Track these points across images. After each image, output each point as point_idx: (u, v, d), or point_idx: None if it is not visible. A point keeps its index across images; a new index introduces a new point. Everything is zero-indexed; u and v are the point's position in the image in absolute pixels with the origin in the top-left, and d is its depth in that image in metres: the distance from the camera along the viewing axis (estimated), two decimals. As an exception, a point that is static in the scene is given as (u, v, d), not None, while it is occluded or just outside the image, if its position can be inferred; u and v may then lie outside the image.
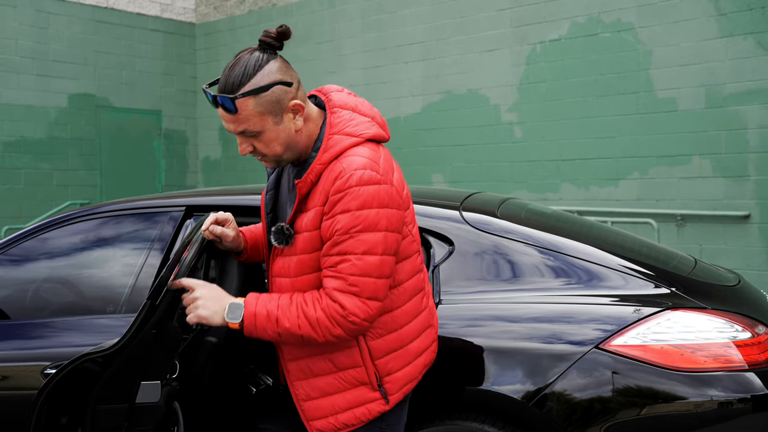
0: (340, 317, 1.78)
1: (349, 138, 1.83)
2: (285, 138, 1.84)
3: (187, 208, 2.84)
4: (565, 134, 7.66)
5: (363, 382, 1.90)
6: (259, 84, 1.78)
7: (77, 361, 2.06)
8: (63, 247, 2.95)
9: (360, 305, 1.78)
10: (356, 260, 1.76)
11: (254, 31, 10.68)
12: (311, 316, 1.79)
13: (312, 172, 1.82)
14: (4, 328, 2.77)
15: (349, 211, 1.75)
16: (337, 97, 1.92)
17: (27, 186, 9.67)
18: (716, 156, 6.75)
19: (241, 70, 1.78)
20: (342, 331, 1.79)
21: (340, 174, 1.77)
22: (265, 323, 1.81)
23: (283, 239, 1.86)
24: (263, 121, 1.80)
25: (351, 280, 1.77)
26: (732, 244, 6.70)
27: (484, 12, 8.24)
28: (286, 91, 1.81)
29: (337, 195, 1.76)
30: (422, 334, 1.99)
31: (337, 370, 1.90)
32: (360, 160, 1.79)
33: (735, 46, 6.62)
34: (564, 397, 2.22)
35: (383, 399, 1.90)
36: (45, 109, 9.84)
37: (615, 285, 2.38)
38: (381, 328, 1.90)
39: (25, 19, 9.63)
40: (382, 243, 1.78)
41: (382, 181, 1.79)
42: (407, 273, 1.93)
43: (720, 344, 2.21)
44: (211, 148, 11.34)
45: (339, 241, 1.77)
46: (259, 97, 1.78)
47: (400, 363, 1.92)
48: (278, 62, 1.83)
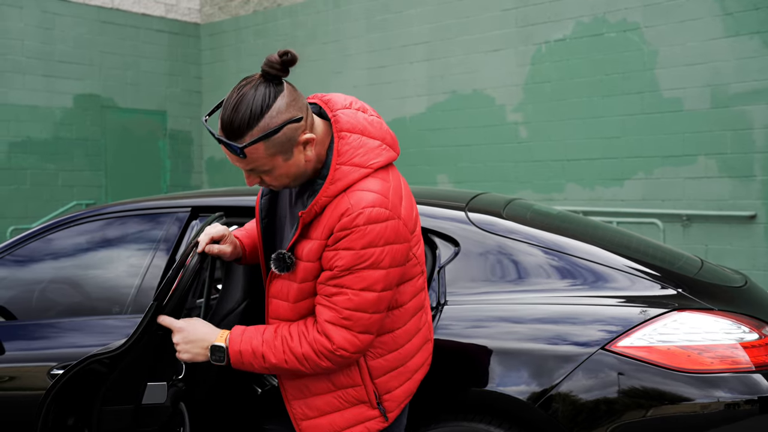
0: (327, 351, 1.73)
1: (358, 170, 1.73)
2: (296, 170, 1.75)
3: (192, 208, 2.84)
4: (571, 134, 7.65)
5: (362, 401, 1.86)
6: (269, 127, 1.65)
7: (84, 362, 2.06)
8: (69, 247, 2.96)
9: (350, 339, 1.73)
10: (353, 295, 1.71)
11: (259, 32, 10.69)
12: (297, 351, 1.75)
13: (317, 204, 1.73)
14: (11, 329, 2.77)
15: (354, 249, 1.68)
16: (345, 118, 1.78)
17: (33, 186, 9.69)
18: (722, 156, 6.74)
19: (247, 112, 1.65)
20: (330, 363, 1.76)
21: (347, 211, 1.69)
22: (251, 359, 1.78)
23: (284, 267, 1.79)
24: (274, 160, 1.70)
25: (345, 314, 1.72)
26: (738, 245, 6.68)
27: (489, 12, 8.24)
28: (296, 128, 1.69)
29: (342, 232, 1.69)
30: (421, 349, 1.97)
31: (336, 389, 1.85)
32: (369, 196, 1.70)
33: (741, 45, 6.60)
34: (570, 398, 2.21)
35: (382, 416, 1.87)
36: (50, 110, 9.86)
37: (621, 286, 2.37)
38: (382, 348, 1.85)
39: (30, 19, 9.65)
40: (383, 280, 1.72)
41: (390, 217, 1.71)
42: (409, 294, 1.88)
43: (727, 345, 2.20)
44: (215, 149, 11.36)
45: (339, 275, 1.71)
46: (270, 140, 1.67)
47: (399, 380, 1.90)
48: (285, 96, 1.68)
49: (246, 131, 1.66)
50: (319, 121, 1.79)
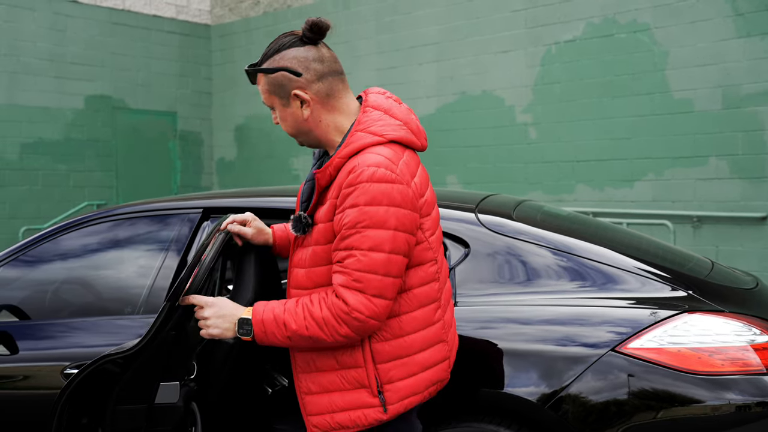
0: (344, 314, 1.76)
1: (372, 136, 1.84)
2: (292, 122, 1.91)
3: (204, 210, 2.86)
4: (580, 135, 7.64)
5: (363, 385, 1.86)
6: (269, 66, 1.88)
7: (98, 362, 2.08)
8: (81, 248, 2.98)
9: (364, 302, 1.76)
10: (361, 256, 1.75)
11: (269, 33, 10.72)
12: (317, 316, 1.79)
13: (331, 165, 1.84)
14: (24, 329, 2.80)
15: (357, 206, 1.75)
16: (374, 98, 1.93)
17: (44, 187, 9.76)
18: (733, 157, 6.71)
19: (268, 48, 1.91)
20: (349, 329, 1.78)
21: (354, 169, 1.78)
22: (273, 328, 1.82)
23: (300, 228, 1.89)
24: (272, 98, 1.91)
25: (355, 275, 1.76)
26: (749, 246, 6.65)
27: (498, 13, 8.23)
28: (290, 78, 1.86)
29: (348, 189, 1.77)
30: (432, 347, 1.93)
31: (339, 368, 1.87)
32: (375, 158, 1.79)
33: (752, 46, 6.58)
34: (580, 399, 2.21)
35: (381, 407, 1.85)
36: (62, 111, 9.92)
37: (631, 288, 2.37)
38: (387, 332, 1.86)
39: (42, 21, 9.72)
40: (389, 241, 1.76)
41: (396, 181, 1.77)
42: (419, 279, 1.89)
43: (738, 348, 2.20)
44: (226, 150, 11.40)
45: (346, 235, 1.77)
46: (267, 77, 1.89)
47: (403, 372, 1.87)
48: (301, 51, 1.87)
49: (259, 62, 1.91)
50: (353, 103, 1.94)
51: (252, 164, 11.02)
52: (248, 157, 11.09)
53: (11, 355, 2.69)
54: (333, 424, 1.88)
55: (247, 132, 11.10)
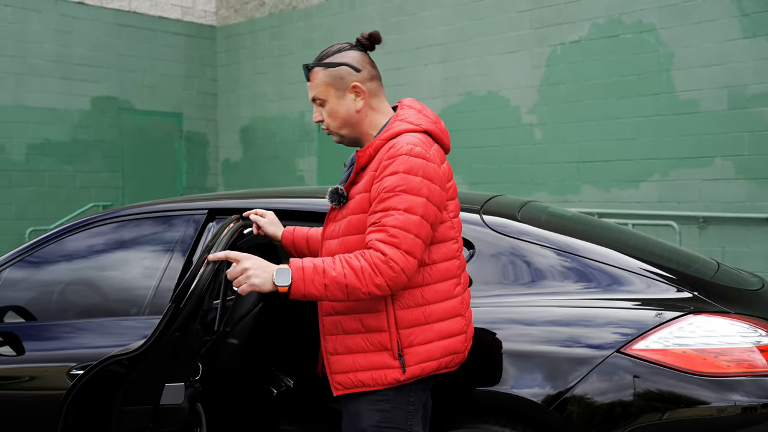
0: (382, 264, 1.93)
1: (409, 125, 2.08)
2: (344, 113, 2.12)
3: (209, 211, 2.87)
4: (586, 136, 7.63)
5: (386, 348, 2.03)
6: (332, 61, 2.12)
7: (103, 363, 2.09)
8: (87, 249, 2.99)
9: (399, 255, 1.94)
10: (398, 215, 1.95)
11: (274, 34, 10.74)
12: (355, 265, 1.94)
13: (371, 146, 2.07)
14: (31, 330, 2.81)
15: (397, 173, 1.97)
16: (409, 101, 2.21)
17: (51, 188, 9.79)
18: (739, 158, 6.69)
19: (327, 50, 2.16)
20: (383, 279, 1.93)
21: (394, 145, 2.02)
22: (312, 275, 1.95)
23: (336, 199, 2.11)
24: (327, 91, 2.11)
25: (392, 231, 1.94)
26: (755, 247, 6.63)
27: (504, 14, 8.23)
28: (351, 72, 2.11)
29: (388, 160, 1.99)
30: (450, 319, 2.08)
31: (365, 331, 2.04)
32: (413, 138, 2.03)
33: (758, 46, 6.56)
34: (585, 400, 2.21)
35: (401, 368, 2.02)
36: (68, 112, 9.96)
37: (636, 289, 2.37)
38: (410, 300, 2.04)
39: (49, 23, 9.76)
40: (422, 206, 1.97)
41: (429, 159, 2.01)
42: (441, 255, 2.08)
43: (743, 349, 2.20)
44: (231, 150, 11.42)
45: (384, 198, 1.97)
46: (328, 71, 2.11)
47: (421, 338, 2.04)
48: (358, 53, 2.15)
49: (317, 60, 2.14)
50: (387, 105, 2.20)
51: (257, 165, 11.04)
52: (253, 158, 11.10)
53: (18, 356, 2.70)
54: (356, 381, 2.05)
55: (252, 133, 11.12)
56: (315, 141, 10.19)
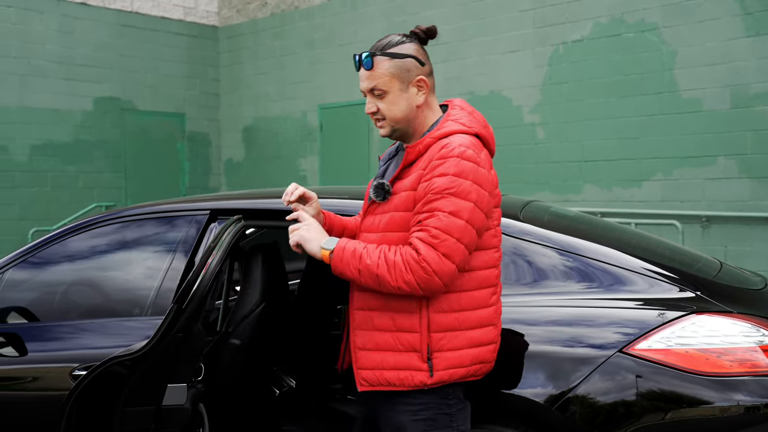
0: (413, 261, 1.91)
1: (461, 126, 2.05)
2: (405, 107, 2.08)
3: (211, 211, 2.87)
4: (588, 135, 7.62)
5: (415, 349, 2.00)
6: (398, 52, 2.07)
7: (106, 363, 2.09)
8: (90, 250, 2.99)
9: (434, 256, 1.91)
10: (443, 217, 1.92)
11: (277, 34, 10.74)
12: (390, 258, 1.94)
13: (422, 143, 2.04)
14: (33, 330, 2.81)
15: (447, 175, 1.94)
16: (460, 102, 2.18)
17: (54, 188, 9.80)
18: (742, 157, 6.68)
19: (387, 40, 2.09)
20: (413, 277, 1.92)
21: (446, 145, 1.98)
22: (350, 257, 1.97)
23: (381, 194, 2.06)
24: (391, 82, 2.06)
25: (433, 232, 1.92)
26: (758, 246, 6.61)
27: (506, 13, 8.22)
28: (417, 65, 2.08)
29: (439, 161, 1.96)
30: (483, 328, 2.05)
31: (396, 329, 2.01)
32: (465, 141, 2.00)
33: (761, 45, 6.54)
34: (587, 400, 2.21)
35: (428, 371, 1.99)
36: (71, 113, 9.97)
37: (639, 289, 2.36)
38: (446, 305, 2.00)
39: (51, 24, 9.77)
40: (468, 211, 1.94)
41: (480, 164, 1.99)
42: (482, 263, 2.05)
43: (746, 348, 2.19)
44: (234, 150, 11.42)
45: (432, 199, 1.94)
46: (394, 61, 2.06)
47: (452, 344, 2.00)
48: (419, 47, 2.10)
49: (380, 50, 2.08)
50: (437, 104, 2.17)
51: (260, 165, 11.04)
52: (256, 158, 11.11)
53: (20, 357, 2.70)
54: (381, 379, 2.02)
55: (254, 133, 11.12)
56: (317, 141, 10.19)
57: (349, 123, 9.81)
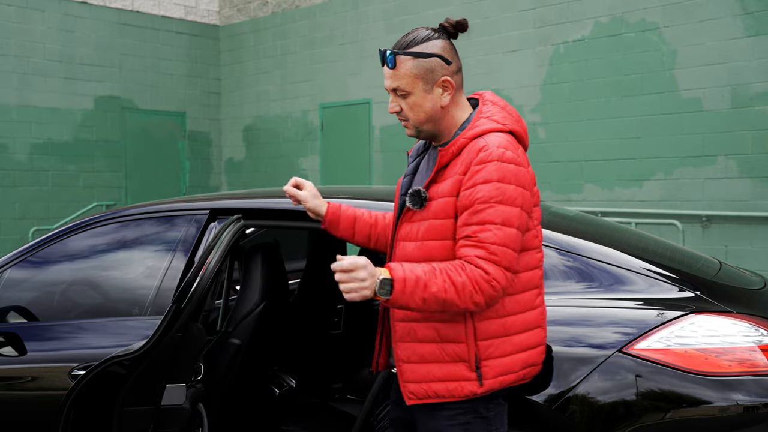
0: (484, 282, 1.83)
1: (495, 123, 1.96)
2: (429, 108, 1.98)
3: (211, 211, 2.86)
4: (589, 135, 7.62)
5: (462, 359, 1.94)
6: (422, 51, 1.96)
7: (104, 364, 2.09)
8: (89, 250, 2.99)
9: (500, 273, 1.85)
10: (496, 230, 1.85)
11: (278, 33, 10.74)
12: (457, 281, 1.83)
13: (455, 144, 1.95)
14: (32, 330, 2.81)
15: (491, 181, 1.86)
16: (491, 96, 2.08)
17: (54, 187, 9.81)
18: (742, 156, 6.68)
19: (412, 36, 1.99)
20: (483, 298, 1.84)
21: (484, 147, 1.89)
22: (413, 288, 1.83)
23: (418, 202, 1.96)
24: (414, 83, 1.96)
25: (492, 249, 1.84)
26: (758, 246, 6.61)
27: (507, 12, 8.22)
28: (442, 65, 1.98)
29: (479, 166, 1.88)
30: (530, 331, 2.01)
31: (440, 340, 1.95)
32: (503, 141, 1.91)
33: (761, 45, 6.54)
34: (587, 400, 2.21)
35: (478, 381, 1.93)
36: (71, 112, 9.97)
37: (638, 288, 2.36)
38: (490, 311, 1.94)
39: (52, 23, 9.77)
40: (517, 217, 1.88)
41: (520, 164, 1.91)
42: (525, 264, 1.99)
43: (745, 348, 2.19)
44: (234, 150, 11.42)
45: (479, 210, 1.86)
46: (418, 61, 1.96)
47: (500, 350, 1.95)
48: (446, 43, 2.00)
49: (404, 48, 1.97)
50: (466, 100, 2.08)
51: (260, 164, 11.04)
52: (257, 157, 11.11)
53: (19, 356, 2.70)
54: (429, 392, 1.95)
55: (255, 132, 11.12)
56: (318, 140, 10.19)
57: (350, 122, 9.80)
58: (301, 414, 3.40)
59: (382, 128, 9.43)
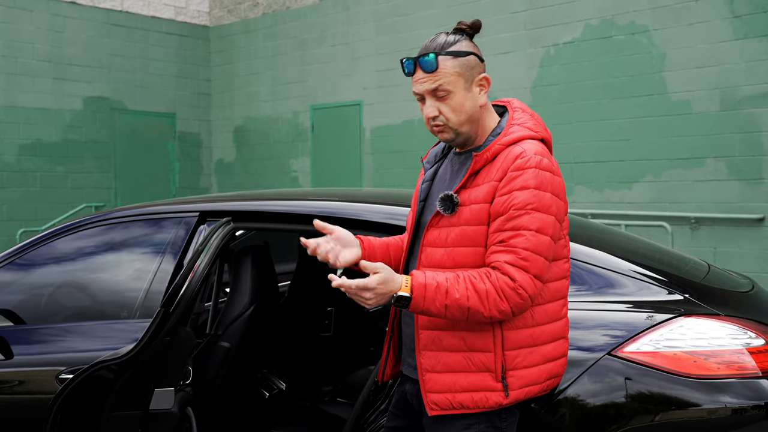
0: (509, 289, 1.81)
1: (528, 131, 1.95)
2: (470, 107, 1.95)
3: (200, 213, 2.85)
4: (579, 137, 7.64)
5: (489, 369, 1.90)
6: (459, 50, 1.95)
7: (91, 368, 2.08)
8: (78, 252, 2.97)
9: (528, 280, 1.82)
10: (530, 236, 1.82)
11: (268, 34, 10.72)
12: (480, 288, 1.81)
13: (490, 150, 1.92)
14: (19, 333, 2.79)
15: (528, 188, 1.84)
16: (519, 104, 2.08)
17: (42, 189, 9.76)
18: (731, 159, 6.71)
19: (442, 40, 1.96)
20: (508, 305, 1.82)
21: (522, 154, 1.87)
22: (434, 294, 1.82)
23: (450, 207, 1.92)
24: (457, 81, 1.93)
25: (523, 254, 1.82)
26: (746, 248, 6.65)
27: (498, 15, 8.24)
28: (479, 63, 1.98)
29: (517, 172, 1.85)
30: (555, 341, 1.98)
31: (467, 350, 1.91)
32: (539, 149, 1.91)
33: (750, 48, 6.58)
34: (577, 402, 2.21)
35: (504, 391, 1.90)
36: (60, 112, 9.92)
37: (627, 291, 2.37)
38: (519, 321, 1.91)
39: (41, 23, 9.72)
40: (552, 226, 1.86)
41: (556, 172, 1.90)
42: (554, 274, 1.96)
43: (733, 351, 2.20)
44: (224, 151, 11.40)
45: (514, 216, 1.84)
46: (458, 59, 1.94)
47: (527, 361, 1.92)
48: (471, 43, 2.00)
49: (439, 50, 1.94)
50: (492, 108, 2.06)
51: (251, 166, 11.02)
52: (247, 159, 11.09)
53: (6, 360, 2.68)
54: (454, 403, 1.91)
55: (246, 133, 11.10)
56: (309, 141, 10.18)
57: (341, 124, 9.80)
58: (291, 417, 3.39)
59: (373, 130, 9.43)
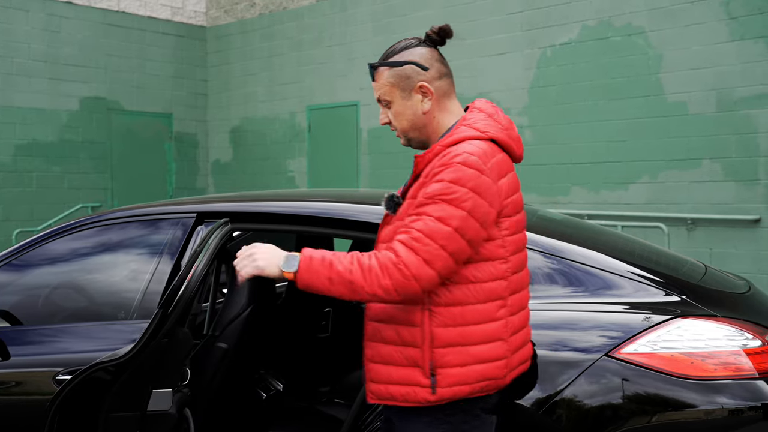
0: (391, 265, 1.83)
1: (474, 131, 1.96)
2: (411, 115, 2.02)
3: (198, 214, 2.85)
4: (576, 138, 7.65)
5: (417, 364, 1.92)
6: (397, 60, 2.02)
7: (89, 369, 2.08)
8: (75, 253, 2.97)
9: (413, 259, 1.83)
10: (429, 221, 1.85)
11: (265, 35, 10.71)
12: (364, 263, 1.86)
13: (432, 151, 1.96)
14: (16, 334, 2.79)
15: (443, 181, 1.86)
16: (480, 103, 2.09)
17: (38, 189, 9.74)
18: (727, 160, 6.73)
19: (392, 48, 2.06)
20: (390, 282, 1.83)
21: (449, 152, 1.90)
22: (319, 266, 1.86)
23: (392, 206, 2.01)
24: (392, 91, 2.02)
25: (415, 235, 1.84)
26: (742, 249, 6.67)
27: (494, 16, 8.24)
28: (418, 71, 2.01)
29: (440, 168, 1.89)
30: (490, 343, 1.95)
31: (400, 343, 1.94)
32: (471, 147, 1.90)
33: (746, 49, 6.60)
34: (574, 404, 2.21)
35: (430, 388, 1.91)
36: (56, 113, 9.91)
37: (625, 292, 2.37)
38: (449, 319, 1.92)
39: (37, 23, 9.70)
40: (459, 219, 1.85)
41: (484, 172, 1.88)
42: (488, 274, 1.94)
43: (730, 352, 2.21)
44: (221, 151, 11.39)
45: (423, 203, 1.88)
46: (392, 70, 2.02)
47: (457, 360, 1.91)
48: (426, 50, 2.04)
49: (381, 60, 2.05)
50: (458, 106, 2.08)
51: (247, 166, 11.01)
52: (244, 159, 11.08)
53: (3, 361, 2.68)
54: (386, 394, 1.97)
55: (242, 134, 11.09)
56: (306, 142, 10.18)
57: (337, 124, 9.80)
58: (288, 418, 3.39)
59: (370, 130, 9.43)
